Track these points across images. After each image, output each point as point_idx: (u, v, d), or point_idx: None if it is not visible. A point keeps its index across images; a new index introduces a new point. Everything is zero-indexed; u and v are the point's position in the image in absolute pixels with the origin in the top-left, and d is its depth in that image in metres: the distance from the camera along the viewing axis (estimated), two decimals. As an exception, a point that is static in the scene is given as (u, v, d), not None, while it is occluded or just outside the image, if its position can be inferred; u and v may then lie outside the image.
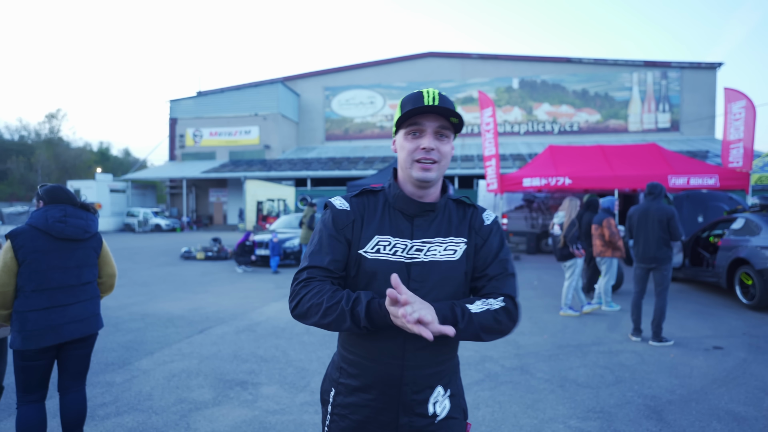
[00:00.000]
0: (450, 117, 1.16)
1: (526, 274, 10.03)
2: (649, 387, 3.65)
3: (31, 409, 2.32)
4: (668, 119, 28.87)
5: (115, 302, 6.88)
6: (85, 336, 2.46)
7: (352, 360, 1.22)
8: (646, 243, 4.91)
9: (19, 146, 58.97)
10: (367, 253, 1.19)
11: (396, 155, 1.27)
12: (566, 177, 10.60)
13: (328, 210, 1.26)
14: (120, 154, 74.33)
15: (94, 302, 2.53)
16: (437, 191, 1.26)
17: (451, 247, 1.22)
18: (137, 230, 26.24)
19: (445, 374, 1.23)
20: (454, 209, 1.29)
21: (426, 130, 1.17)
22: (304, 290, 1.14)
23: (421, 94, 1.17)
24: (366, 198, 1.28)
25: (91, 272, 2.52)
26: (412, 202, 1.21)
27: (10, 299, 2.27)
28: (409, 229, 1.21)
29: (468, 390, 3.61)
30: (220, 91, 32.95)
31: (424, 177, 1.17)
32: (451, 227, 1.25)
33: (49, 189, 2.44)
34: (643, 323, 5.16)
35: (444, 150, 1.19)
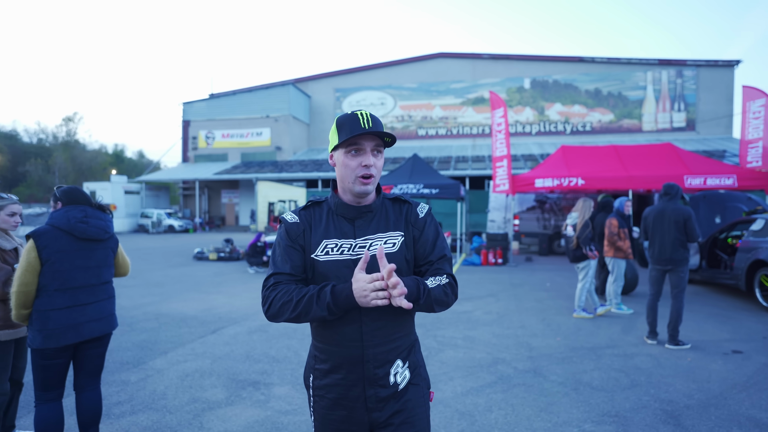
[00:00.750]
0: (384, 137, 1.33)
1: (539, 275, 9.94)
2: (665, 391, 3.58)
3: (49, 407, 2.35)
4: (684, 118, 28.39)
5: (129, 302, 6.98)
6: (102, 335, 2.50)
7: (322, 348, 1.40)
8: (661, 244, 4.83)
9: (38, 149, 60.22)
10: (318, 256, 1.36)
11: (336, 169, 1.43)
12: (579, 177, 10.48)
13: (282, 225, 1.43)
14: (134, 156, 75.46)
15: (110, 302, 2.58)
16: (373, 196, 1.43)
17: (391, 240, 1.39)
18: (151, 231, 26.59)
19: (402, 349, 1.41)
20: (390, 207, 1.46)
21: (365, 148, 1.33)
22: (274, 293, 1.31)
23: (357, 117, 1.33)
24: (312, 210, 1.44)
25: (109, 272, 2.57)
26: (351, 208, 1.39)
27: (31, 299, 2.30)
28: (351, 230, 1.38)
29: (480, 392, 3.58)
30: (232, 94, 33.26)
31: (365, 190, 1.34)
32: (389, 223, 1.42)
33: (67, 190, 2.48)
34: (658, 326, 5.07)
35: (379, 165, 1.37)
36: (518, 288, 8.35)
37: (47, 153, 57.94)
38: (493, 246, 12.04)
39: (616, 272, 6.42)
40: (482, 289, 8.16)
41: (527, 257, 13.01)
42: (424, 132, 31.72)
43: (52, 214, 2.44)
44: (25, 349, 2.78)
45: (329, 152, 1.44)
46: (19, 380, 2.79)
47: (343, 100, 33.26)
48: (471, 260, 11.94)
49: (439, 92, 31.16)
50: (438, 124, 31.51)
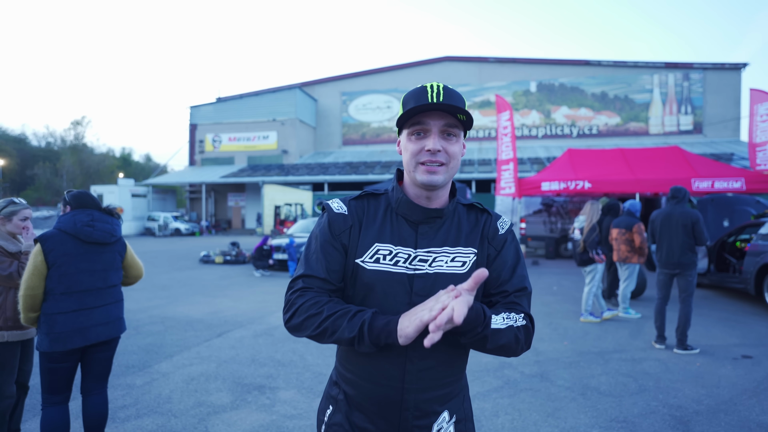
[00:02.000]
0: (457, 114, 1.04)
1: (545, 279, 9.88)
2: (674, 396, 3.54)
3: (56, 410, 2.36)
4: (691, 121, 28.21)
5: (135, 305, 7.01)
6: (110, 339, 2.50)
7: (349, 379, 1.12)
8: (669, 248, 4.78)
9: (46, 152, 60.90)
10: (365, 262, 1.08)
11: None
12: (586, 181, 10.43)
13: (325, 213, 1.16)
14: (141, 160, 76.14)
15: (118, 306, 2.58)
16: (445, 195, 1.15)
17: (460, 258, 1.10)
18: (157, 234, 26.76)
19: (451, 397, 1.12)
20: (464, 215, 1.17)
21: (431, 129, 1.06)
22: (301, 299, 1.05)
23: (425, 89, 1.06)
24: (366, 201, 1.16)
25: (116, 275, 2.56)
26: (416, 208, 1.10)
27: (39, 302, 2.32)
28: (412, 236, 1.10)
29: (487, 397, 3.56)
30: (239, 97, 33.50)
31: (430, 181, 1.06)
32: (460, 236, 1.13)
33: (76, 194, 2.51)
34: (667, 330, 5.01)
35: (452, 150, 1.07)
36: (524, 292, 8.30)
37: (55, 156, 58.58)
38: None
39: (633, 276, 6.33)
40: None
41: (534, 261, 12.95)
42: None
43: (60, 217, 2.46)
44: (31, 352, 2.79)
45: (398, 137, 1.17)
46: (25, 383, 2.79)
47: (349, 104, 33.38)
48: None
49: (445, 95, 31.17)
50: (443, 128, 31.50)
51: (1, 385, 2.54)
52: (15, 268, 2.52)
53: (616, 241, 6.36)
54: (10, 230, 2.64)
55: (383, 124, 32.69)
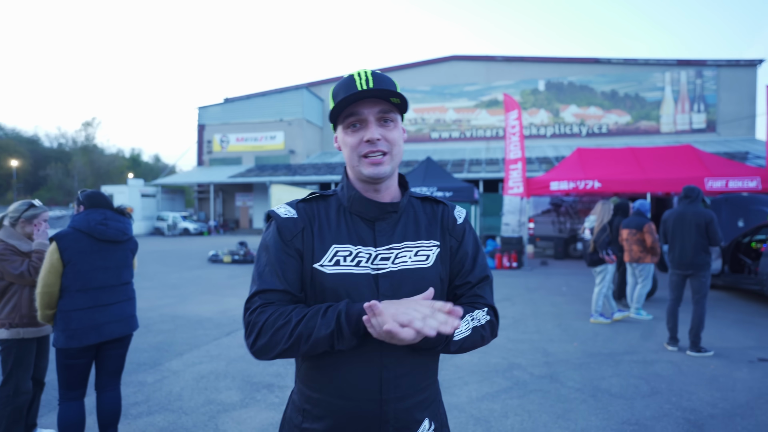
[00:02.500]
0: (390, 98, 0.98)
1: (554, 279, 9.80)
2: (688, 399, 3.48)
3: (72, 405, 2.41)
4: (704, 120, 27.82)
5: (146, 304, 7.07)
6: (123, 336, 2.54)
7: (317, 399, 1.01)
8: (682, 249, 4.71)
9: (58, 153, 61.72)
10: (324, 266, 0.99)
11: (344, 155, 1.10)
12: (595, 180, 10.33)
13: (272, 221, 1.06)
14: (150, 160, 76.89)
15: (131, 303, 2.62)
16: (395, 187, 1.09)
17: (423, 252, 1.05)
18: (166, 234, 26.98)
19: (430, 402, 1.06)
20: (420, 208, 1.13)
21: (366, 118, 1.00)
22: (263, 316, 0.94)
23: (352, 78, 1.01)
24: (315, 203, 1.09)
25: (128, 273, 2.61)
26: (370, 204, 1.04)
27: (55, 299, 2.37)
28: (370, 235, 1.04)
29: (496, 398, 3.53)
30: (246, 98, 33.66)
31: (376, 173, 1.00)
32: (419, 229, 1.08)
33: (89, 194, 2.56)
34: (679, 332, 4.95)
35: (392, 137, 1.01)
36: (534, 292, 8.25)
37: (67, 157, 59.35)
38: (508, 250, 11.92)
39: (645, 276, 6.23)
40: (497, 293, 8.07)
41: (542, 261, 12.86)
42: (437, 135, 31.65)
43: (74, 217, 2.50)
44: (46, 349, 2.84)
45: (334, 135, 1.11)
46: (41, 379, 2.84)
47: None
48: (485, 264, 11.84)
49: (453, 95, 31.09)
50: (451, 127, 31.42)
51: (17, 381, 2.59)
52: (26, 267, 2.57)
53: (627, 242, 6.27)
54: (29, 232, 2.71)
55: (391, 124, 32.66)
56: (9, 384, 2.58)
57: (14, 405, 2.57)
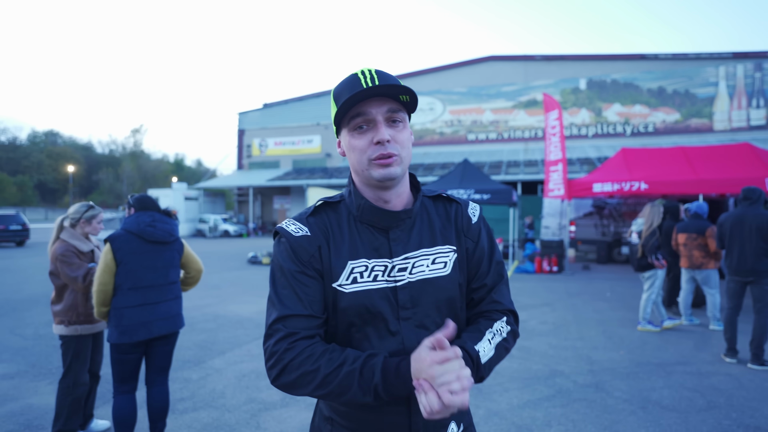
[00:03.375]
0: (399, 95, 0.92)
1: (597, 284, 9.43)
2: (750, 416, 3.25)
3: (124, 399, 2.55)
4: (763, 116, 25.98)
5: (189, 303, 7.34)
6: (170, 333, 2.65)
7: (344, 411, 0.98)
8: (741, 254, 4.41)
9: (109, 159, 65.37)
10: (343, 286, 0.94)
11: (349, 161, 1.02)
12: (642, 182, 9.86)
13: (283, 240, 0.98)
14: (193, 165, 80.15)
15: (177, 302, 2.73)
16: (406, 191, 1.02)
17: (440, 259, 0.99)
18: (208, 236, 27.95)
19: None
20: (433, 210, 1.05)
21: (374, 119, 0.93)
22: (290, 354, 0.88)
23: (356, 76, 0.94)
24: (325, 214, 1.01)
25: (175, 273, 2.72)
26: (382, 212, 0.97)
27: (109, 297, 2.52)
28: (385, 245, 0.97)
29: (538, 405, 3.42)
30: (284, 103, 34.45)
31: (387, 175, 0.92)
32: (434, 234, 1.01)
33: (139, 198, 2.71)
34: (738, 343, 4.63)
35: (401, 138, 0.95)
36: (575, 297, 7.96)
37: (117, 162, 62.75)
38: (548, 253, 11.58)
39: (714, 284, 5.71)
40: (536, 298, 7.85)
41: (584, 265, 12.40)
42: (474, 137, 31.24)
43: (125, 219, 2.65)
44: (101, 344, 3.01)
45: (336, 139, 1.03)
46: (97, 372, 3.02)
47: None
48: (524, 268, 11.56)
49: (490, 96, 30.59)
50: (488, 128, 30.92)
51: (76, 374, 2.76)
52: (83, 272, 2.71)
53: (685, 247, 5.79)
54: (89, 231, 2.89)
55: (426, 126, 32.53)
56: (69, 376, 2.75)
57: (74, 396, 2.74)
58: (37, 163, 57.40)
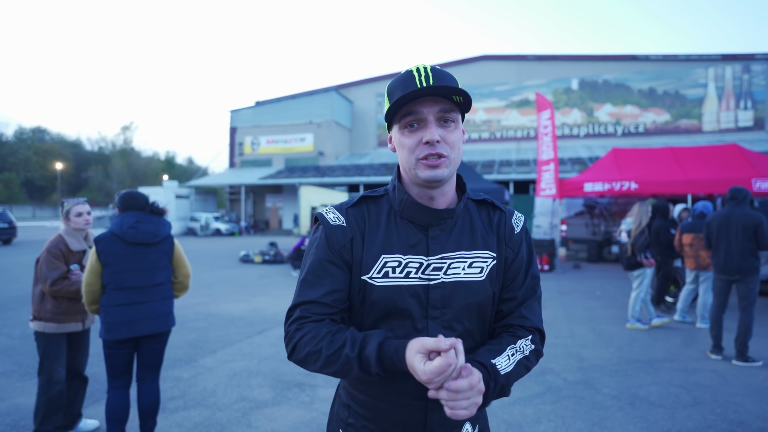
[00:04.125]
0: (453, 96, 0.92)
1: (588, 283, 9.53)
2: (734, 411, 3.31)
3: (117, 394, 2.55)
4: (751, 117, 26.40)
5: (181, 302, 7.28)
6: (157, 333, 2.62)
7: (362, 401, 1.01)
8: (728, 253, 4.49)
9: (98, 156, 64.60)
10: (374, 279, 0.95)
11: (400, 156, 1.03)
12: (632, 181, 9.97)
13: (320, 226, 1.01)
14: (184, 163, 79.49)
15: (166, 302, 2.66)
16: (452, 191, 1.02)
17: (478, 264, 0.99)
18: (199, 234, 27.76)
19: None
20: (476, 213, 1.05)
21: (426, 118, 0.93)
22: (299, 334, 0.93)
23: (411, 74, 0.93)
24: (366, 207, 1.03)
25: (162, 274, 2.64)
26: (423, 209, 0.97)
27: (98, 296, 2.51)
28: (423, 242, 0.98)
29: (528, 402, 3.46)
30: (276, 101, 34.30)
31: (434, 176, 0.93)
32: (475, 237, 1.01)
33: (123, 196, 2.64)
34: (724, 340, 4.71)
35: (452, 139, 0.94)
36: (566, 296, 8.04)
37: (106, 160, 62.03)
38: (539, 252, 11.67)
39: (708, 285, 5.73)
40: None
41: (575, 264, 12.52)
42: (466, 136, 31.29)
43: (113, 220, 2.63)
44: (83, 344, 2.95)
45: (387, 133, 1.04)
46: (81, 373, 2.97)
47: (384, 105, 33.51)
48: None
49: (482, 95, 30.72)
50: (481, 128, 31.06)
51: (49, 371, 2.69)
52: (55, 276, 2.64)
53: (692, 248, 5.77)
54: (74, 227, 2.82)
55: (419, 125, 32.58)
56: (42, 374, 2.70)
57: (48, 395, 2.67)
58: (24, 160, 56.55)
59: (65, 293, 2.68)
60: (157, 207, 2.69)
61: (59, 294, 2.67)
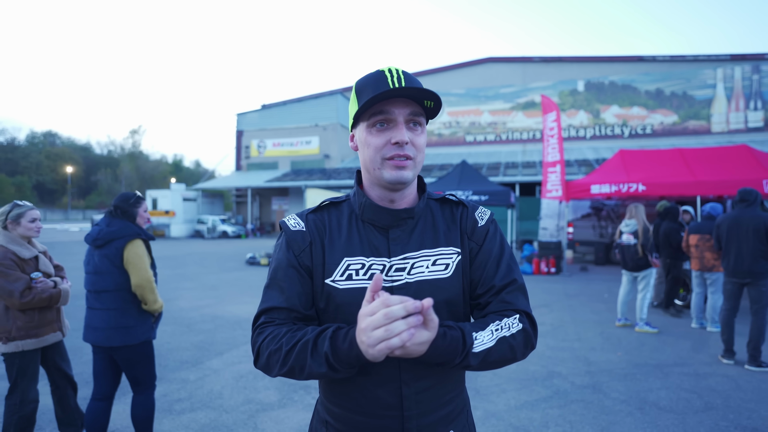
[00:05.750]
0: (424, 100, 0.92)
1: (595, 286, 9.45)
2: (748, 417, 3.25)
3: (94, 406, 2.53)
4: (761, 117, 26.07)
5: (188, 304, 7.32)
6: (105, 346, 2.42)
7: (338, 414, 0.99)
8: (738, 255, 4.43)
9: (108, 160, 65.20)
10: (336, 282, 0.95)
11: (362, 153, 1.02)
12: (640, 183, 9.88)
13: (282, 232, 1.02)
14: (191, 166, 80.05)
15: (109, 314, 2.41)
16: (413, 193, 1.03)
17: (442, 261, 0.98)
18: (206, 236, 27.89)
19: (456, 415, 1.01)
20: (438, 212, 1.05)
21: (396, 119, 0.93)
22: (260, 338, 0.92)
23: (383, 74, 0.93)
24: (327, 213, 1.04)
25: (103, 280, 2.42)
26: (383, 211, 0.98)
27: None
28: (384, 244, 0.98)
29: (535, 407, 3.42)
30: (282, 104, 34.44)
31: (399, 178, 0.93)
32: (437, 235, 1.00)
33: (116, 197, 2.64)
34: (735, 344, 4.64)
35: (419, 143, 0.95)
36: (573, 299, 7.97)
37: (115, 163, 62.60)
38: (546, 255, 11.60)
39: (719, 286, 5.63)
40: (534, 299, 7.85)
41: (582, 266, 12.43)
42: (472, 138, 31.28)
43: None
44: (61, 352, 2.73)
45: (350, 131, 1.04)
46: (71, 379, 2.78)
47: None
48: (522, 269, 11.58)
49: (488, 97, 30.64)
50: (486, 130, 30.96)
51: (23, 391, 2.50)
52: (21, 287, 2.39)
53: (697, 249, 5.70)
54: (22, 234, 2.53)
55: (424, 128, 32.55)
56: (15, 394, 2.49)
57: (20, 414, 2.48)
58: (35, 163, 57.26)
59: (38, 303, 2.44)
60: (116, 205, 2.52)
61: (30, 305, 2.42)
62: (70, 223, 44.07)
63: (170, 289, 8.76)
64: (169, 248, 18.85)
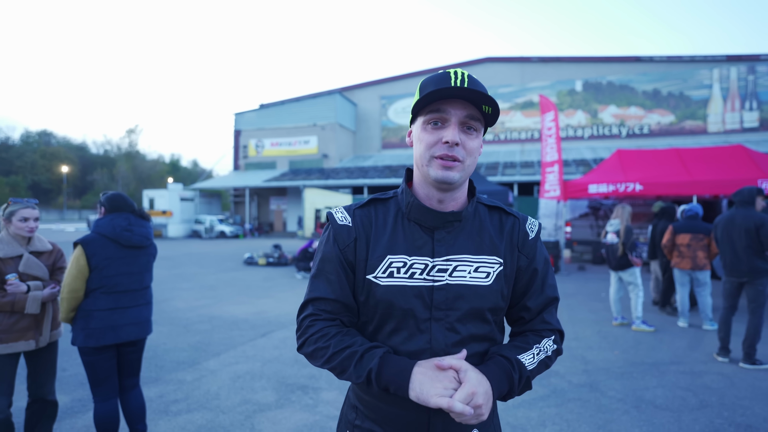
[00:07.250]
0: (482, 105, 0.92)
1: (593, 285, 9.48)
2: (742, 414, 3.27)
3: (105, 406, 2.46)
4: (756, 118, 26.20)
5: (184, 304, 7.31)
6: (138, 339, 2.57)
7: (368, 402, 1.03)
8: (734, 255, 4.45)
9: (104, 159, 64.99)
10: (378, 278, 0.97)
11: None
12: (637, 183, 9.91)
13: (328, 226, 1.05)
14: (189, 165, 79.84)
15: (148, 308, 2.62)
16: (463, 196, 1.03)
17: (484, 269, 0.99)
18: (204, 236, 27.85)
19: None
20: (487, 218, 1.05)
21: (450, 119, 0.94)
22: (311, 329, 0.99)
23: (448, 74, 0.94)
24: (374, 208, 1.05)
25: (149, 277, 2.64)
26: (429, 212, 0.99)
27: (80, 302, 2.39)
28: (429, 244, 0.99)
29: (533, 405, 3.43)
30: (280, 103, 34.40)
31: (445, 177, 0.94)
32: (482, 242, 1.01)
33: (111, 197, 2.53)
34: (731, 343, 4.66)
35: (471, 146, 0.95)
36: (571, 298, 7.99)
37: (112, 163, 62.41)
38: (543, 254, 11.61)
39: (708, 284, 5.78)
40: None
41: (580, 266, 12.46)
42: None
43: (97, 221, 2.48)
44: (47, 364, 2.56)
45: (409, 127, 1.06)
46: (44, 398, 2.56)
47: (388, 108, 33.51)
48: (519, 268, 11.60)
49: (485, 97, 30.65)
50: (484, 130, 30.96)
51: None
52: None
53: (689, 248, 5.76)
54: (13, 232, 2.46)
55: (422, 127, 32.55)
56: None
57: None
58: (30, 163, 57.00)
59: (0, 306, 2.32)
60: (143, 211, 2.63)
61: None
62: (66, 224, 43.92)
63: (167, 289, 8.75)
64: (166, 248, 18.80)
